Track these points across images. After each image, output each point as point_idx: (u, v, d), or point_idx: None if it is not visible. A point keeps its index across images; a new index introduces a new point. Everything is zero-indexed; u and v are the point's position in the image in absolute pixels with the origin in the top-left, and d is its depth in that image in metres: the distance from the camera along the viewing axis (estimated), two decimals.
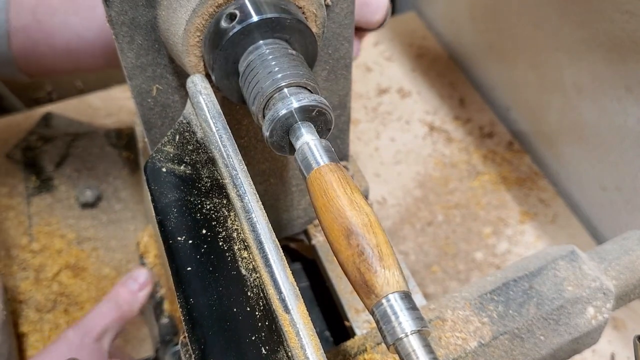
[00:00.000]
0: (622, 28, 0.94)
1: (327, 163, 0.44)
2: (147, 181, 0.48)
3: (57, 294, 1.06)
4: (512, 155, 1.27)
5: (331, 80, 0.64)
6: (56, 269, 1.08)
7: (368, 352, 0.56)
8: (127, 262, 1.12)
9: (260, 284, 0.42)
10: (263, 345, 0.40)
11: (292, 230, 0.77)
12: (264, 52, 0.48)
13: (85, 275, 1.09)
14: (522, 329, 0.57)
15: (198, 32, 0.49)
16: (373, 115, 1.35)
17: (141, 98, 0.57)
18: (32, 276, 1.08)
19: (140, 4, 0.50)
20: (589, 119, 1.08)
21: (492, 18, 1.29)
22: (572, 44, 1.06)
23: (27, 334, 1.01)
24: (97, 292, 1.07)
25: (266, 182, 0.69)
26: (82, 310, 1.05)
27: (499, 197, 1.20)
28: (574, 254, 0.62)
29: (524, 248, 1.13)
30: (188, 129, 0.50)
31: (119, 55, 0.54)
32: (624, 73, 0.97)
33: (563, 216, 1.17)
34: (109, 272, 1.10)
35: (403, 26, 1.54)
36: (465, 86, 1.40)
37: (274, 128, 0.46)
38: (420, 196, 1.21)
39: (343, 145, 0.73)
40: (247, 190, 0.44)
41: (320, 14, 0.52)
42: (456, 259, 1.12)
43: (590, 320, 0.59)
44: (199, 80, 0.50)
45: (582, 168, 1.14)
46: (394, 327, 0.38)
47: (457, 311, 0.58)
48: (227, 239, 0.45)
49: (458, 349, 0.55)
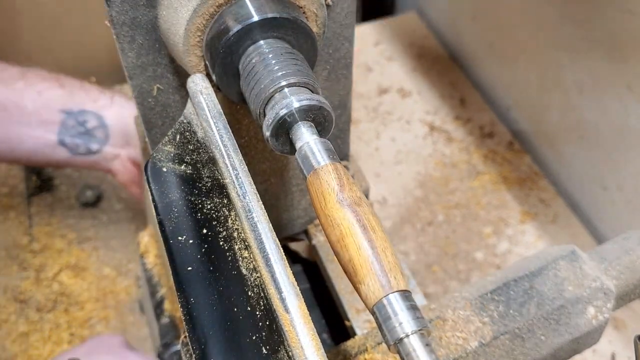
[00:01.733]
0: (622, 27, 0.94)
1: (328, 163, 0.44)
2: (147, 181, 0.48)
3: (57, 294, 1.06)
4: (512, 155, 1.27)
5: (332, 80, 0.64)
6: (56, 269, 1.09)
7: (369, 352, 0.56)
8: (128, 261, 1.12)
9: (260, 284, 0.42)
10: (263, 344, 0.40)
11: (292, 230, 0.77)
12: (265, 51, 0.48)
13: (86, 275, 1.09)
14: (523, 328, 0.57)
15: (199, 32, 0.49)
16: (373, 115, 1.35)
17: (142, 98, 0.57)
18: (32, 276, 1.08)
19: (141, 3, 0.50)
20: (589, 118, 1.08)
21: (493, 18, 1.29)
22: (573, 43, 1.06)
23: (28, 334, 1.01)
24: (98, 291, 1.07)
25: (267, 182, 0.69)
26: (82, 310, 1.05)
27: (500, 197, 1.20)
28: (575, 254, 0.62)
29: (525, 248, 1.12)
30: (189, 129, 0.50)
31: (119, 55, 0.54)
32: (625, 72, 0.97)
33: (563, 216, 1.17)
34: (110, 272, 1.10)
35: (404, 26, 1.54)
36: (465, 86, 1.40)
37: (274, 128, 0.46)
38: (420, 196, 1.21)
39: (343, 145, 0.73)
40: (247, 190, 0.44)
41: (320, 13, 0.52)
42: (456, 258, 1.12)
43: (591, 320, 0.59)
44: (199, 80, 0.50)
45: (582, 168, 1.14)
46: (395, 327, 0.38)
47: (457, 311, 0.58)
48: (228, 238, 0.45)
49: (459, 349, 0.55)
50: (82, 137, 0.92)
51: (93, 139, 0.93)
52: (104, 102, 0.94)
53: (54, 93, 0.92)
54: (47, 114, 0.91)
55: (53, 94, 0.91)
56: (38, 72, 0.93)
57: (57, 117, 0.91)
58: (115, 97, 0.95)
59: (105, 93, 0.95)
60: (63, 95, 0.92)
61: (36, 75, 0.92)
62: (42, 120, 0.90)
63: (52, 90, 0.91)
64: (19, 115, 0.90)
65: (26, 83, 0.91)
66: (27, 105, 0.90)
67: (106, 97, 0.95)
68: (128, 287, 1.09)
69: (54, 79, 0.93)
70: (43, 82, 0.92)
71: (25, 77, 0.91)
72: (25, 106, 0.89)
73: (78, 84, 0.95)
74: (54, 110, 0.91)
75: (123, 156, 0.95)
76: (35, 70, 0.93)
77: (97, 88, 0.96)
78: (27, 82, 0.91)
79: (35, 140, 0.91)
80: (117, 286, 1.08)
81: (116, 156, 0.95)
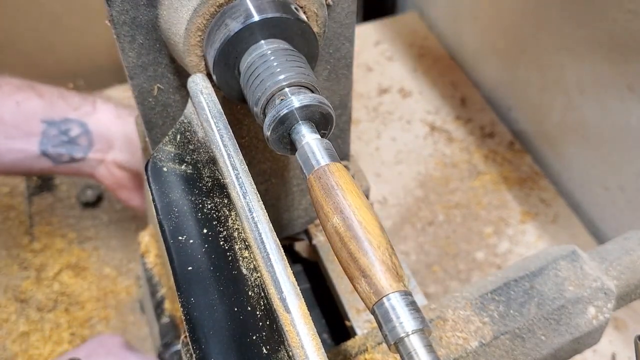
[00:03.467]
0: (624, 27, 0.94)
1: (328, 163, 0.44)
2: (148, 180, 0.48)
3: (58, 294, 1.06)
4: (513, 155, 1.27)
5: (332, 79, 0.64)
6: (57, 269, 1.09)
7: (369, 352, 0.56)
8: (128, 261, 1.12)
9: (261, 284, 0.42)
10: (264, 344, 0.40)
11: (293, 229, 0.77)
12: (265, 51, 0.48)
13: (86, 275, 1.09)
14: (523, 328, 0.57)
15: (199, 31, 0.49)
16: (374, 115, 1.35)
17: (142, 97, 0.57)
18: (33, 275, 1.08)
19: (141, 3, 0.50)
20: (591, 119, 1.08)
21: (494, 18, 1.29)
22: (575, 44, 1.06)
23: (28, 333, 1.01)
24: (98, 291, 1.07)
25: (267, 182, 0.69)
26: (82, 309, 1.05)
27: (500, 197, 1.20)
28: (575, 254, 0.62)
29: (525, 248, 1.12)
30: (189, 129, 0.50)
31: (120, 54, 0.54)
32: (627, 72, 0.97)
33: (564, 216, 1.17)
34: (110, 272, 1.10)
35: (404, 26, 1.54)
36: (466, 86, 1.40)
37: (275, 127, 0.46)
38: (421, 196, 1.21)
39: (344, 144, 0.73)
40: (248, 189, 0.44)
41: (321, 13, 0.52)
42: (457, 258, 1.12)
43: (591, 320, 0.59)
44: (200, 80, 0.50)
45: (583, 168, 1.14)
46: (395, 327, 0.38)
47: (458, 311, 0.58)
48: (228, 238, 0.45)
49: (459, 349, 0.55)
50: (65, 146, 0.90)
51: (76, 147, 0.91)
52: (87, 108, 0.92)
53: (34, 103, 0.89)
54: (28, 125, 0.88)
55: (33, 104, 0.89)
56: (10, 81, 0.91)
57: (38, 128, 0.89)
58: (97, 101, 0.94)
59: (86, 99, 0.94)
60: (43, 106, 0.90)
61: (9, 84, 0.90)
62: (23, 131, 0.88)
63: (31, 100, 0.89)
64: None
65: (2, 93, 0.88)
66: (5, 117, 0.87)
67: (88, 103, 0.93)
68: (128, 286, 1.09)
69: (29, 87, 0.91)
70: (20, 92, 0.89)
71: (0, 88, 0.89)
72: (3, 118, 0.87)
73: (56, 92, 0.92)
74: (35, 120, 0.89)
75: (108, 160, 0.94)
76: (6, 79, 0.91)
77: (77, 94, 0.94)
78: (2, 93, 0.88)
79: (15, 153, 0.89)
80: (118, 286, 1.08)
81: (100, 161, 0.94)
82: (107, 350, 0.84)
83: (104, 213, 1.17)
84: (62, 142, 0.90)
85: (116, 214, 1.17)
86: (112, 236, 1.14)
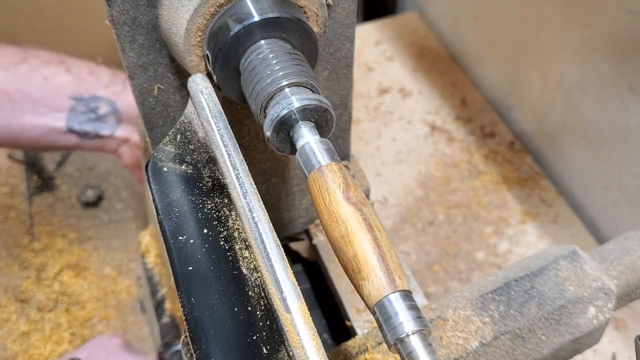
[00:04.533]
0: (625, 27, 0.94)
1: (328, 163, 0.44)
2: (148, 180, 0.48)
3: (58, 293, 1.06)
4: (513, 155, 1.27)
5: (332, 79, 0.64)
6: (57, 268, 1.09)
7: (369, 352, 0.56)
8: (129, 261, 1.12)
9: (261, 284, 0.42)
10: (264, 344, 0.40)
11: (293, 229, 0.77)
12: (265, 51, 0.48)
13: (87, 275, 1.09)
14: (524, 328, 0.57)
15: (199, 31, 0.49)
16: (374, 114, 1.35)
17: (142, 97, 0.57)
18: (33, 275, 1.08)
19: (141, 3, 0.50)
20: (591, 119, 1.08)
21: (494, 18, 1.29)
22: (575, 44, 1.06)
23: (29, 333, 1.01)
24: (99, 291, 1.07)
25: (267, 182, 0.69)
26: (83, 309, 1.05)
27: (500, 197, 1.20)
28: (576, 254, 0.62)
29: (525, 248, 1.12)
30: (189, 129, 0.50)
31: (120, 54, 0.54)
32: (627, 72, 0.97)
33: (564, 216, 1.17)
34: (110, 272, 1.10)
35: (404, 26, 1.54)
36: (466, 86, 1.40)
37: (275, 127, 0.46)
38: (421, 196, 1.21)
39: (344, 144, 0.73)
40: (248, 189, 0.44)
41: (321, 13, 0.52)
42: (457, 258, 1.12)
43: (592, 320, 0.59)
44: (200, 80, 0.50)
45: (584, 168, 1.14)
46: (396, 327, 0.38)
47: (458, 311, 0.58)
48: (228, 238, 0.45)
49: (459, 349, 0.55)
50: (92, 123, 0.89)
51: (103, 125, 0.90)
52: (117, 87, 0.90)
53: (62, 79, 0.88)
54: (55, 101, 0.87)
55: (61, 79, 0.87)
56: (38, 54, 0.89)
57: (66, 104, 0.87)
58: (127, 80, 0.93)
59: (117, 76, 0.92)
60: (72, 81, 0.88)
61: (37, 57, 0.88)
62: (50, 107, 0.87)
63: (59, 75, 0.87)
64: (24, 103, 0.86)
65: (29, 68, 0.87)
66: (33, 92, 0.86)
67: (118, 82, 0.91)
68: (129, 286, 1.09)
69: (59, 62, 0.89)
70: (47, 67, 0.88)
71: (27, 61, 0.87)
72: (31, 93, 0.86)
73: (86, 67, 0.90)
74: (62, 97, 0.87)
75: (132, 141, 0.93)
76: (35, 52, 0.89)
77: (108, 71, 0.92)
78: (30, 67, 0.87)
79: (41, 129, 0.88)
80: (118, 286, 1.09)
81: (125, 141, 0.93)
82: (108, 352, 0.84)
83: (104, 213, 1.17)
84: (90, 120, 0.89)
85: (116, 214, 1.17)
86: (112, 236, 1.14)
